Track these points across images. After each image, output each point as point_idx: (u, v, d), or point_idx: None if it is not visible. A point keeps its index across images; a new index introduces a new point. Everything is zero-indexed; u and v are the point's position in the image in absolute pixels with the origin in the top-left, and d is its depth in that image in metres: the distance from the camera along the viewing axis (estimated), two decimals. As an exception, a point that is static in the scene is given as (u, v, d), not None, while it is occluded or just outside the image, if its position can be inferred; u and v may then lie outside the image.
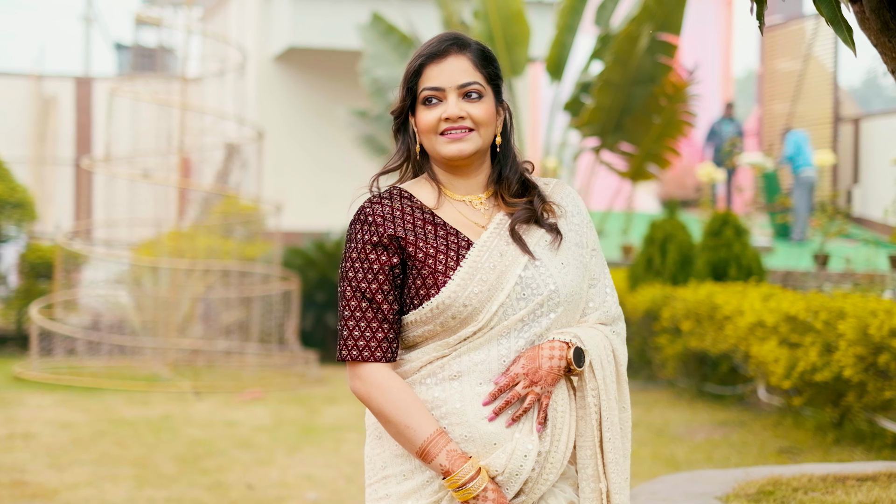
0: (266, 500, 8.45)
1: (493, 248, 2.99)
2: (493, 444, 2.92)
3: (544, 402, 2.95)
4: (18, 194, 17.68)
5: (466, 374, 2.95)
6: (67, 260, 16.94)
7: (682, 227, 14.29)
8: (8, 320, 18.12)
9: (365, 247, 2.99)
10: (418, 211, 3.05)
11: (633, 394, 13.38)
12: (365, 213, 3.02)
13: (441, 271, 2.96)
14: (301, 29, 20.16)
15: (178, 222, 16.99)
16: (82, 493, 8.50)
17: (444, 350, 2.97)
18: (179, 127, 16.16)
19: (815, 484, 5.07)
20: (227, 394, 13.83)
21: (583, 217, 3.16)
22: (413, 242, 2.99)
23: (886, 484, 5.00)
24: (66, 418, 11.88)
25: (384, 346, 2.99)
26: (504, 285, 2.95)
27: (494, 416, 2.92)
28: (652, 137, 15.47)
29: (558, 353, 2.95)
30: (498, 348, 2.95)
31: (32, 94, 25.21)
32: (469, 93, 3.02)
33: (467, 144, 3.01)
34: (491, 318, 2.94)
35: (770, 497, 4.82)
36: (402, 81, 3.07)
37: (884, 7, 4.12)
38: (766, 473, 5.33)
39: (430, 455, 2.91)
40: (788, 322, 10.27)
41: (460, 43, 3.05)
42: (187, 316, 16.48)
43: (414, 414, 2.93)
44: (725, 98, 26.44)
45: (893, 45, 4.18)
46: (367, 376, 2.98)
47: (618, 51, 14.91)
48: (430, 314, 2.96)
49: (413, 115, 3.07)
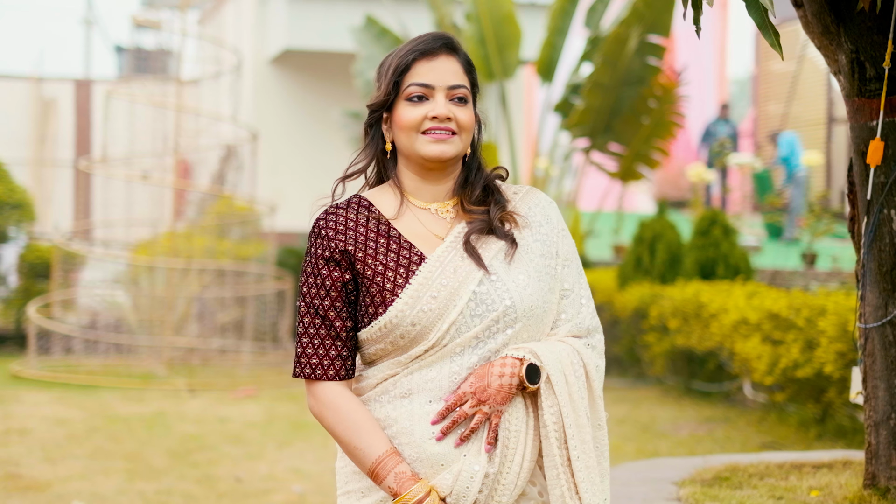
0: (253, 492, 8.64)
1: (447, 264, 2.89)
2: (440, 465, 2.84)
3: (494, 421, 2.84)
4: (17, 195, 17.86)
5: (416, 393, 2.87)
6: (65, 260, 17.13)
7: (671, 226, 14.46)
8: (7, 320, 18.30)
9: (318, 261, 2.92)
10: (374, 223, 2.96)
11: (622, 391, 13.58)
12: (319, 226, 2.96)
13: (389, 289, 2.87)
14: (296, 32, 20.36)
15: (174, 223, 17.17)
16: (74, 486, 8.69)
17: (397, 368, 2.89)
18: (174, 129, 16.35)
19: (772, 471, 5.25)
20: (221, 391, 14.02)
21: (553, 226, 3.03)
22: (362, 259, 2.91)
23: (840, 471, 5.18)
24: (61, 415, 12.07)
25: (337, 365, 2.92)
26: (457, 302, 2.85)
27: (442, 435, 2.84)
28: (641, 138, 15.65)
29: (509, 370, 2.83)
30: (450, 365, 2.86)
31: (32, 96, 25.40)
32: (457, 96, 2.95)
33: (449, 147, 2.93)
34: (442, 336, 2.85)
35: (725, 482, 5.01)
36: (388, 74, 2.96)
37: (824, 12, 4.31)
38: (724, 461, 5.52)
39: (378, 477, 2.85)
40: (771, 319, 10.44)
41: (452, 45, 2.99)
42: (183, 315, 16.68)
43: (364, 435, 2.87)
44: (721, 99, 26.61)
45: (834, 48, 4.37)
46: (321, 395, 2.92)
47: (607, 53, 15.09)
48: (379, 333, 2.88)
49: (389, 111, 2.99)
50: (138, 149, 17.45)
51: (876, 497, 4.52)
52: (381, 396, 2.90)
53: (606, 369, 12.55)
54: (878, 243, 4.46)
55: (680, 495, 4.71)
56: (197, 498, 8.40)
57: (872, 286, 4.49)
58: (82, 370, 15.41)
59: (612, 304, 14.27)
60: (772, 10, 3.25)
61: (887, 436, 4.54)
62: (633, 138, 15.63)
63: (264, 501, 8.37)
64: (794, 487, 4.85)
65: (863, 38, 4.33)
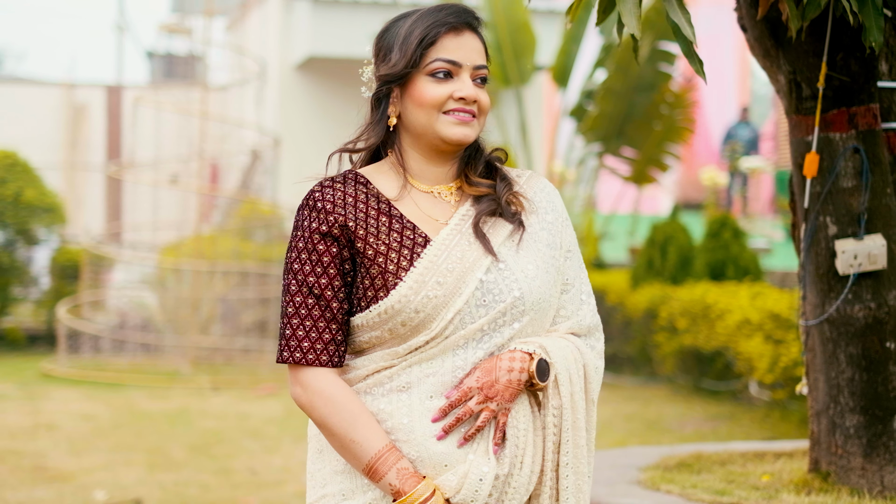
0: (267, 483, 9.05)
1: (454, 248, 2.68)
2: (443, 466, 2.63)
3: (501, 419, 2.65)
4: (49, 199, 18.31)
5: (416, 386, 2.66)
6: (95, 262, 17.59)
7: (683, 229, 14.79)
8: (38, 320, 18.76)
9: (313, 236, 2.69)
10: (374, 200, 2.74)
11: (633, 389, 13.94)
12: (314, 199, 2.73)
13: (392, 271, 2.65)
14: (320, 38, 20.80)
15: (200, 226, 17.63)
16: (97, 477, 9.13)
17: (393, 360, 2.68)
18: (200, 134, 16.81)
19: (734, 458, 5.62)
20: (243, 388, 14.45)
21: (558, 214, 2.83)
22: (363, 237, 2.68)
23: (799, 459, 5.55)
24: (88, 411, 12.53)
25: (331, 350, 2.68)
26: (462, 290, 2.65)
27: (444, 434, 2.63)
28: (653, 143, 16.00)
29: (519, 364, 2.65)
30: (453, 359, 2.66)
31: (64, 101, 25.89)
32: (480, 76, 2.76)
33: (471, 130, 2.74)
34: (446, 326, 2.64)
35: (688, 469, 5.38)
36: (411, 44, 2.70)
37: (765, 36, 4.72)
38: (691, 449, 5.90)
39: (378, 473, 2.61)
40: (772, 319, 10.75)
41: (476, 22, 2.77)
42: (208, 315, 17.11)
43: (361, 427, 2.63)
44: (741, 102, 26.89)
45: (775, 69, 4.78)
46: (310, 382, 2.67)
47: (620, 59, 15.45)
48: (378, 319, 2.66)
49: (402, 84, 2.74)
50: (165, 154, 17.91)
51: (818, 480, 4.91)
52: (374, 389, 2.69)
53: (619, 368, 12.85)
54: (816, 248, 4.85)
55: (640, 479, 5.11)
56: (212, 488, 8.82)
57: (811, 287, 4.88)
58: (110, 368, 15.87)
59: (625, 305, 14.60)
60: (695, 42, 3.65)
61: (827, 424, 4.93)
62: (646, 143, 15.98)
63: (277, 492, 8.76)
64: (749, 473, 5.23)
65: (799, 60, 4.73)
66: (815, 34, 4.64)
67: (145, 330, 17.42)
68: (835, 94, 4.74)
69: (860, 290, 4.78)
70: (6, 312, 18.29)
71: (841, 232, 4.78)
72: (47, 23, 79.66)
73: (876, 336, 4.76)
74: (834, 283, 4.81)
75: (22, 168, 18.18)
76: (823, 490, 4.80)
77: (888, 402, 4.79)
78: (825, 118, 4.71)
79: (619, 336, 15.03)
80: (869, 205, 4.74)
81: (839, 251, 4.73)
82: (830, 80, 4.70)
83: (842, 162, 4.74)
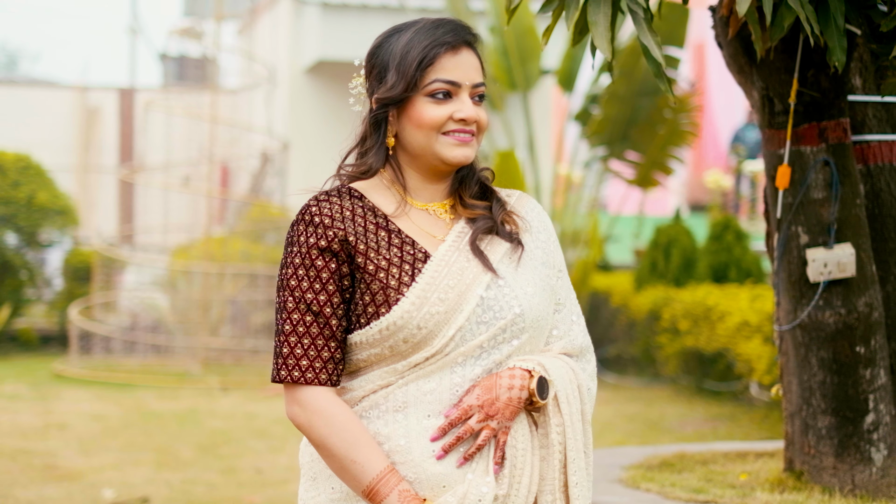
0: (272, 482, 9.27)
1: (453, 264, 2.66)
2: (441, 487, 2.59)
3: (501, 438, 2.62)
4: (61, 202, 18.49)
5: (413, 406, 2.62)
6: (107, 264, 17.79)
7: (686, 231, 14.95)
8: (51, 321, 18.93)
9: (311, 251, 2.64)
10: (371, 214, 2.71)
11: (636, 390, 14.12)
12: (311, 213, 2.68)
13: (394, 287, 2.62)
14: (330, 42, 20.97)
15: (210, 228, 17.82)
16: (106, 476, 9.36)
17: (391, 377, 2.64)
18: (210, 137, 17.01)
19: (717, 458, 5.82)
20: (252, 389, 14.66)
21: (549, 234, 2.84)
22: (364, 252, 2.65)
23: (780, 458, 5.74)
24: (99, 411, 12.75)
25: (329, 368, 2.64)
26: (464, 307, 2.62)
27: (444, 453, 2.60)
28: (657, 147, 16.15)
29: (519, 382, 2.62)
30: (451, 377, 2.62)
31: (77, 104, 26.07)
32: (479, 94, 2.74)
33: (471, 150, 2.72)
34: (447, 343, 2.61)
35: (671, 468, 5.58)
36: (409, 66, 2.69)
37: (739, 54, 4.94)
38: (675, 450, 6.09)
39: (379, 495, 2.57)
40: (771, 321, 10.92)
41: (473, 38, 2.75)
42: (218, 317, 17.32)
43: (362, 447, 2.59)
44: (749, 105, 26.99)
45: (749, 85, 4.98)
46: (309, 402, 2.64)
47: (624, 64, 15.59)
48: (379, 336, 2.63)
49: (400, 105, 2.73)
50: (176, 157, 18.12)
51: (792, 479, 5.11)
52: (370, 411, 2.66)
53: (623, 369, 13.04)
54: (788, 256, 5.06)
55: (622, 477, 5.31)
56: (218, 487, 9.04)
57: (784, 293, 5.09)
58: (121, 369, 16.08)
59: (629, 307, 14.78)
60: (663, 64, 3.86)
61: (800, 425, 5.13)
62: (649, 147, 16.14)
63: (281, 490, 8.97)
64: (728, 472, 5.42)
65: (772, 77, 4.95)
66: (787, 51, 4.85)
67: (156, 331, 17.64)
68: (806, 110, 4.95)
69: (830, 296, 4.98)
70: (19, 313, 18.48)
71: (812, 241, 4.98)
72: (61, 25, 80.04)
73: (846, 341, 4.96)
74: (805, 290, 5.01)
75: (35, 171, 18.36)
76: (796, 489, 4.99)
77: (858, 405, 4.98)
78: (796, 132, 4.92)
79: (622, 337, 15.21)
80: (839, 215, 4.95)
81: (810, 259, 4.93)
82: (801, 95, 4.91)
83: (812, 174, 4.94)
